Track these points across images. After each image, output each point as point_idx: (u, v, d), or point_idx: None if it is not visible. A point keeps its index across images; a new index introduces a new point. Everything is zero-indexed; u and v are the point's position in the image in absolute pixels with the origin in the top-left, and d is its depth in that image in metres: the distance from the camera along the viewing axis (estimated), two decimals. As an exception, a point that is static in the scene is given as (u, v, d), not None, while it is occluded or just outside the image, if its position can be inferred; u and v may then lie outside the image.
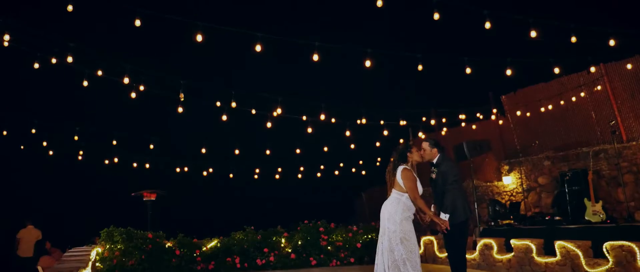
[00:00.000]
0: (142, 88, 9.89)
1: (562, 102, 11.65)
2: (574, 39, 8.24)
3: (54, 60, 8.71)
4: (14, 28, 7.80)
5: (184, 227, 10.43)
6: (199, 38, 7.94)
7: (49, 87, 13.58)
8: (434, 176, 5.57)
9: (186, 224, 11.11)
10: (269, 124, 11.71)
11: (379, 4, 7.51)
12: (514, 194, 12.21)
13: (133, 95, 9.94)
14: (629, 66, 10.39)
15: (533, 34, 7.88)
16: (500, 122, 13.04)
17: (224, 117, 11.27)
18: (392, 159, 5.29)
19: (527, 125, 12.57)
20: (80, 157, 14.15)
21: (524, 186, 11.63)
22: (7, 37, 7.76)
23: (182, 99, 10.18)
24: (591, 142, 11.09)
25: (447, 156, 5.89)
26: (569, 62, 10.09)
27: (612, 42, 8.24)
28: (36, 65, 8.68)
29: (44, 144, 13.07)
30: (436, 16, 7.66)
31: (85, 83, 9.33)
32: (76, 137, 12.55)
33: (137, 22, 7.70)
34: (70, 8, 7.41)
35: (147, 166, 15.68)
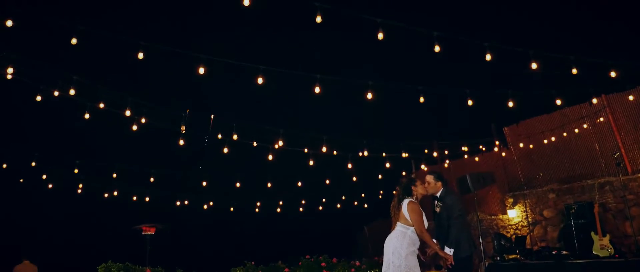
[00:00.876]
0: (143, 120, 9.89)
1: (565, 134, 11.60)
2: (574, 71, 8.26)
3: (56, 93, 8.74)
4: (17, 61, 7.86)
5: (183, 263, 10.21)
6: (201, 70, 8.00)
7: (50, 120, 13.60)
8: (438, 209, 5.48)
9: (186, 259, 10.89)
10: (270, 157, 11.65)
11: (380, 36, 7.58)
12: (519, 227, 11.99)
13: (134, 127, 9.93)
14: (631, 98, 10.39)
15: (534, 65, 7.92)
16: (503, 154, 12.96)
17: (226, 150, 11.23)
18: (395, 193, 5.20)
19: (531, 157, 12.47)
20: (79, 191, 14.04)
21: (529, 219, 11.44)
22: (10, 70, 7.83)
23: (184, 132, 10.16)
24: (596, 174, 10.96)
25: (451, 189, 5.81)
26: (571, 94, 10.11)
27: (613, 74, 8.27)
28: (38, 98, 8.71)
29: (44, 177, 13.00)
30: (437, 49, 7.71)
31: (87, 115, 9.35)
32: (76, 170, 12.48)
33: (140, 55, 7.78)
34: (74, 41, 7.50)
35: (147, 199, 15.54)
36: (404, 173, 14.72)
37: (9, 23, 7.14)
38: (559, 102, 9.60)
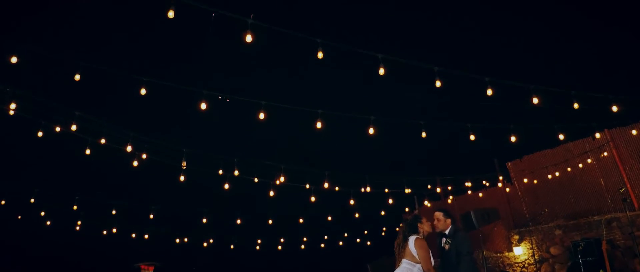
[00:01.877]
0: (144, 156, 9.84)
1: (569, 169, 11.49)
2: (576, 105, 8.24)
3: (58, 129, 8.73)
4: (20, 96, 7.89)
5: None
6: (203, 106, 8.01)
7: (50, 156, 13.56)
8: (446, 246, 5.37)
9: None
10: (271, 193, 11.53)
11: (381, 72, 7.61)
12: (526, 265, 11.69)
13: (135, 163, 9.86)
14: (634, 132, 10.33)
15: (535, 100, 7.92)
16: (507, 189, 12.80)
17: (226, 186, 11.11)
18: (400, 230, 5.10)
19: (535, 192, 12.31)
20: (78, 227, 13.84)
21: (536, 257, 11.17)
22: (13, 106, 7.85)
23: (184, 167, 10.08)
24: (602, 210, 10.78)
25: (459, 226, 5.72)
26: (574, 128, 10.06)
27: (614, 108, 8.25)
28: (40, 134, 8.70)
29: (42, 214, 12.84)
30: (438, 83, 7.73)
31: (87, 151, 9.31)
32: (75, 207, 12.34)
33: (143, 91, 7.81)
34: (77, 77, 7.56)
35: (146, 236, 15.30)
36: (407, 209, 14.55)
37: (14, 59, 7.23)
38: (561, 136, 9.53)
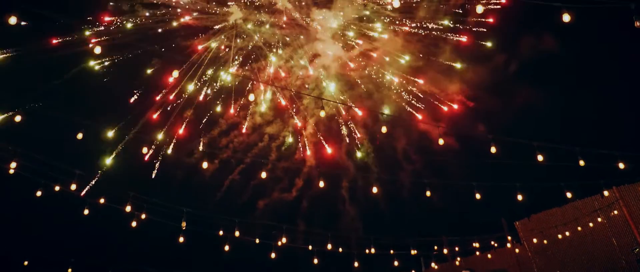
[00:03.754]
0: (143, 216, 9.66)
1: (579, 228, 11.20)
2: (582, 163, 8.14)
3: (57, 188, 8.63)
4: (22, 155, 7.87)
5: None
6: (205, 165, 7.99)
7: (47, 216, 13.30)
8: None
9: None
10: (273, 255, 11.22)
11: (384, 130, 7.64)
12: (541, 331, 11.10)
13: (134, 224, 9.67)
14: (643, 190, 10.15)
15: (540, 157, 7.84)
16: (517, 250, 12.44)
17: (227, 248, 10.83)
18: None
19: (546, 253, 11.93)
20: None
21: (551, 323, 10.62)
22: (13, 165, 7.81)
23: (184, 228, 9.89)
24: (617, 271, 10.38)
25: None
26: (581, 186, 9.89)
27: (621, 165, 8.14)
28: (38, 193, 8.59)
29: (35, 277, 12.40)
30: (441, 141, 7.74)
31: (86, 211, 9.16)
32: (69, 270, 11.96)
33: (144, 150, 7.82)
34: (80, 136, 7.62)
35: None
36: (413, 272, 14.09)
37: (18, 118, 7.32)
38: (569, 194, 9.34)
